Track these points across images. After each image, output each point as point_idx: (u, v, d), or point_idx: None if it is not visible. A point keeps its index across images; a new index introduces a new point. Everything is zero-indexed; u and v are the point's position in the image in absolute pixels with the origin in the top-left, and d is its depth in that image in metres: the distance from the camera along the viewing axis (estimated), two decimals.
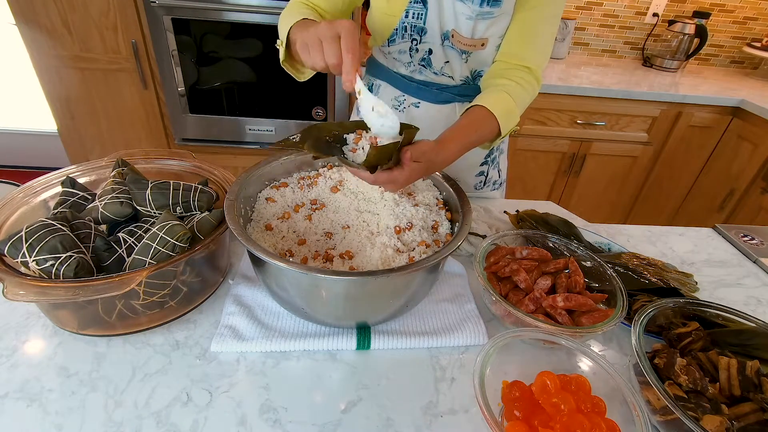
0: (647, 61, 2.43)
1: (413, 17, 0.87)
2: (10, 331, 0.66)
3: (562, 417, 0.52)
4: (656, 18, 2.36)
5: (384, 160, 0.61)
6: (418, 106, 1.01)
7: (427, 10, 0.85)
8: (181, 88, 1.90)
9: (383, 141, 0.63)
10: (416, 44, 0.90)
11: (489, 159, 1.10)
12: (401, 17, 0.87)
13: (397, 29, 0.89)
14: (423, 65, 0.94)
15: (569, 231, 0.92)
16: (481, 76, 0.95)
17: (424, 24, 0.87)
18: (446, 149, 0.71)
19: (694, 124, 2.04)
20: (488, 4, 0.81)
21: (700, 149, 2.13)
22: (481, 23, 0.84)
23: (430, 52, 0.91)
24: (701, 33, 2.22)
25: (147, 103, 1.97)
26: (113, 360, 0.62)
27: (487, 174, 1.12)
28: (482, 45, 0.88)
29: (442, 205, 0.81)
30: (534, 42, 0.86)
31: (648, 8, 2.36)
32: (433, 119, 1.00)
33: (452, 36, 0.87)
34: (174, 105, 1.95)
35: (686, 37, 2.27)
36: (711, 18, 2.33)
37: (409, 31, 0.88)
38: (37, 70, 1.86)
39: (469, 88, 0.97)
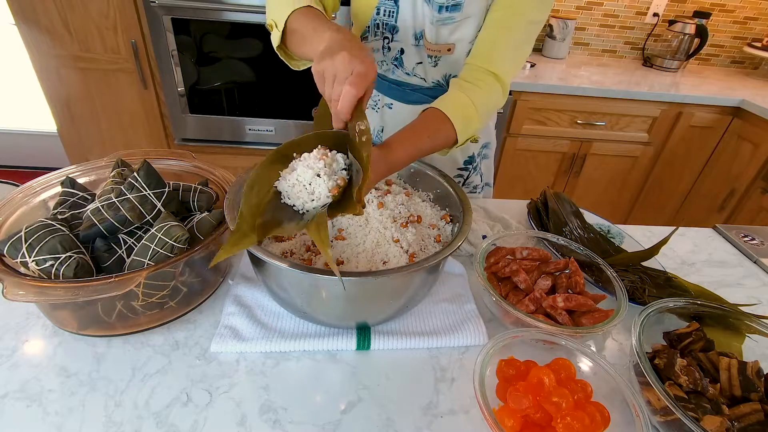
0: (647, 61, 2.43)
1: (384, 14, 0.85)
2: (9, 331, 0.65)
3: (564, 416, 0.52)
4: (656, 18, 2.36)
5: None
6: (391, 107, 0.99)
7: (398, 8, 0.84)
8: (181, 88, 1.90)
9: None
10: (388, 42, 0.89)
11: (471, 165, 1.08)
12: (372, 14, 0.85)
13: (369, 26, 0.88)
14: (395, 65, 0.93)
15: (576, 210, 0.98)
16: None
17: (396, 22, 0.85)
18: (392, 155, 0.64)
19: (695, 125, 2.04)
20: (447, 10, 0.79)
21: (701, 149, 2.13)
22: (444, 29, 0.82)
23: (402, 51, 0.89)
24: (702, 33, 2.22)
25: (147, 103, 1.97)
26: (113, 360, 0.62)
27: (467, 178, 1.10)
28: (448, 50, 0.85)
29: (448, 220, 0.80)
30: (504, 46, 0.79)
31: (648, 8, 2.36)
32: (405, 120, 0.98)
33: (423, 37, 0.85)
34: (174, 105, 1.95)
35: (687, 37, 2.27)
36: (711, 18, 2.33)
37: (381, 29, 0.87)
38: (36, 70, 1.86)
39: (442, 91, 0.93)
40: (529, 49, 0.83)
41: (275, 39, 0.72)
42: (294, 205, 0.55)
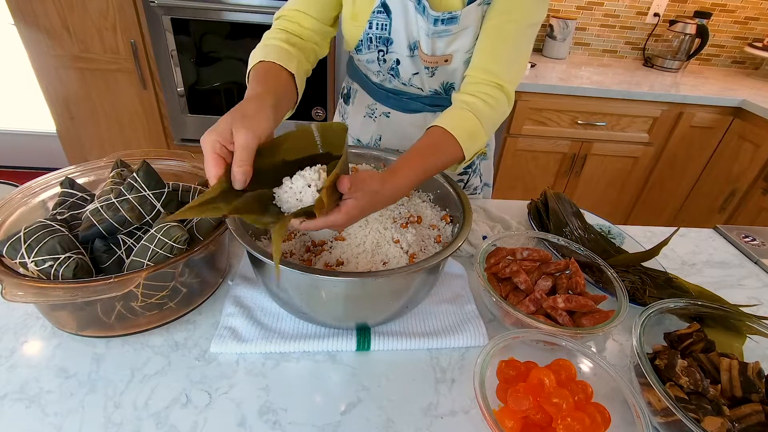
0: (648, 62, 2.42)
1: (377, 28, 0.83)
2: (8, 332, 0.65)
3: (564, 417, 0.52)
4: (657, 18, 2.35)
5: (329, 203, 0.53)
6: (388, 116, 0.98)
7: (391, 20, 0.81)
8: (180, 89, 1.90)
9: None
10: (383, 54, 0.87)
11: (470, 168, 1.07)
12: (365, 28, 0.83)
13: (362, 40, 0.86)
14: (392, 74, 0.91)
15: (576, 210, 0.98)
16: (453, 88, 0.90)
17: (389, 34, 0.83)
18: (396, 178, 0.62)
19: (695, 125, 2.04)
20: (443, 23, 0.76)
21: (701, 150, 2.13)
22: (440, 41, 0.80)
23: (398, 62, 0.88)
24: (702, 33, 2.22)
25: (146, 104, 1.97)
26: (112, 361, 0.62)
27: (467, 181, 1.10)
28: (446, 61, 0.83)
29: (447, 220, 0.80)
30: (505, 54, 0.78)
31: (649, 8, 2.35)
32: (403, 129, 0.97)
33: (418, 48, 0.83)
34: (173, 105, 1.95)
35: (687, 37, 2.27)
36: (712, 18, 2.33)
37: (374, 42, 0.85)
38: (35, 70, 1.86)
39: (440, 99, 0.93)
40: (529, 52, 0.81)
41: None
42: (281, 208, 0.55)
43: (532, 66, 2.14)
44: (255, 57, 0.72)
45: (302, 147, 0.58)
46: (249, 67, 0.72)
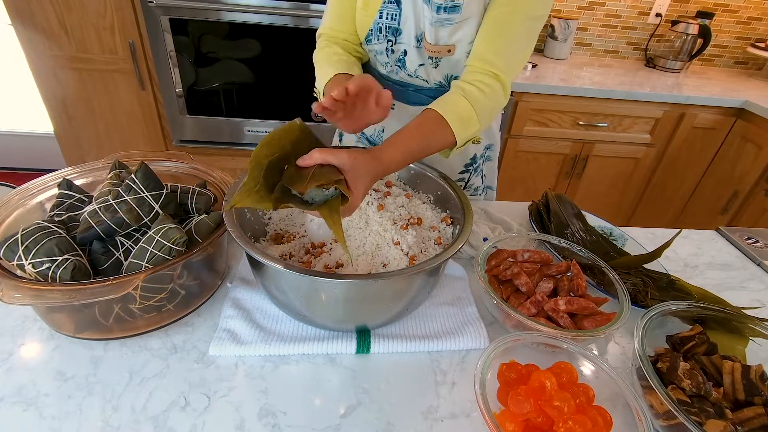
0: (650, 62, 2.42)
1: (387, 18, 0.84)
2: (5, 334, 0.65)
3: (566, 420, 0.51)
4: (659, 18, 2.35)
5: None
6: (393, 108, 0.99)
7: (401, 10, 0.83)
8: (179, 89, 1.89)
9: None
10: (392, 45, 0.88)
11: (472, 167, 1.07)
12: (375, 18, 0.85)
13: (372, 30, 0.87)
14: (398, 66, 0.92)
15: (577, 212, 0.98)
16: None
17: (399, 25, 0.85)
18: (385, 155, 0.65)
19: (698, 126, 2.03)
20: (445, 11, 0.77)
21: (704, 151, 2.12)
22: (443, 30, 0.81)
23: (405, 53, 0.89)
24: (705, 33, 2.22)
25: (144, 105, 1.97)
26: (110, 364, 0.62)
27: (468, 180, 1.09)
28: (449, 51, 0.84)
29: (448, 222, 0.79)
30: (503, 44, 0.78)
31: (651, 8, 2.35)
32: (407, 121, 0.97)
33: (423, 39, 0.85)
34: (171, 106, 1.94)
35: (689, 37, 2.26)
36: (715, 18, 2.32)
37: (384, 32, 0.87)
38: (33, 70, 1.85)
39: (444, 91, 0.92)
40: (531, 46, 0.82)
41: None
42: (304, 197, 0.58)
43: (533, 66, 2.13)
44: (326, 72, 0.83)
45: (291, 139, 0.62)
46: (325, 81, 0.83)
